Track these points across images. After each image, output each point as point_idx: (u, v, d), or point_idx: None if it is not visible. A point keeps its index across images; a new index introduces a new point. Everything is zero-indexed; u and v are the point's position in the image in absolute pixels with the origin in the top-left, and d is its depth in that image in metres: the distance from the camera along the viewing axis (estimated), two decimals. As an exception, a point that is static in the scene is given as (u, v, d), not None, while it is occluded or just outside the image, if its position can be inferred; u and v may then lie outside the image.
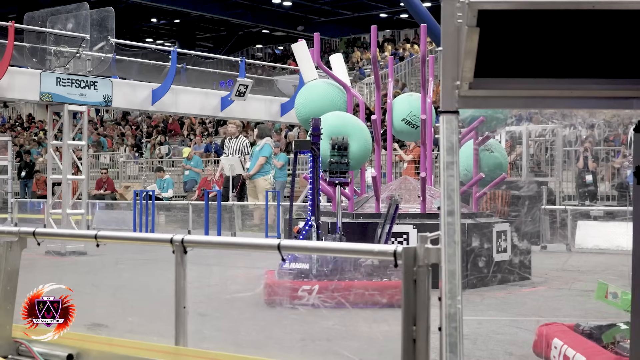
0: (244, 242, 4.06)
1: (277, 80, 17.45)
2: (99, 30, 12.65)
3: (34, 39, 12.73)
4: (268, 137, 15.31)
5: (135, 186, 22.97)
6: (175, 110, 15.33)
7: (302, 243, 3.81)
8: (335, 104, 9.05)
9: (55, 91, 11.97)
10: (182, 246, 3.97)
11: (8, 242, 4.72)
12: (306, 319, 5.62)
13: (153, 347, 4.11)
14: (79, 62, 12.39)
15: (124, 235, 5.57)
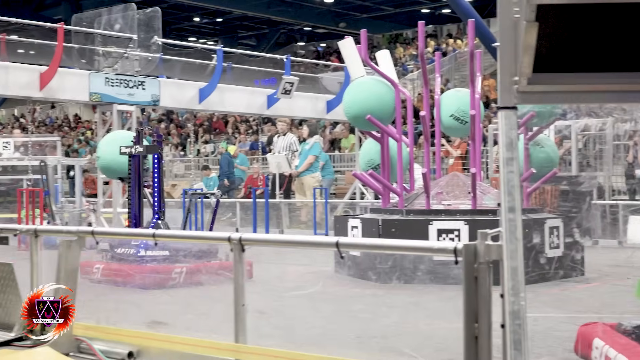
0: (302, 240, 4.07)
1: (323, 77, 17.45)
2: (146, 31, 12.76)
3: (83, 40, 12.88)
4: (317, 135, 15.33)
5: (182, 185, 23.12)
6: (222, 108, 15.41)
7: (360, 240, 3.81)
8: (383, 100, 9.03)
9: (104, 91, 12.10)
10: (240, 244, 3.99)
11: (67, 241, 4.78)
12: (360, 317, 5.62)
13: (212, 345, 4.13)
14: (127, 62, 12.51)
15: (182, 233, 5.61)
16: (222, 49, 14.50)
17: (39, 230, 5.02)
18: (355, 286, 7.43)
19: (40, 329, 4.83)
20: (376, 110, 8.89)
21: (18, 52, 14.81)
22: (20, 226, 5.60)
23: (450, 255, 3.41)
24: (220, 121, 30.01)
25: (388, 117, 9.08)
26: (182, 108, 20.12)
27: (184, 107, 16.02)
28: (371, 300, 6.53)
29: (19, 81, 11.82)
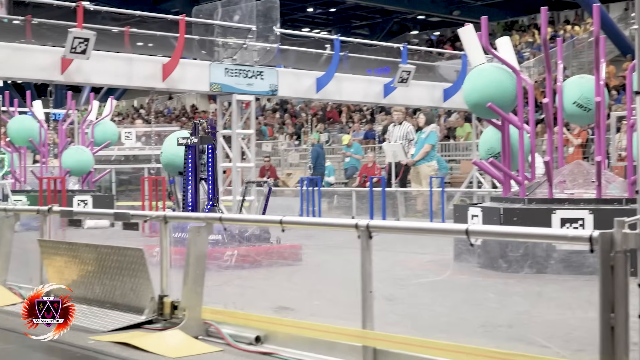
0: (431, 228, 4.06)
1: (439, 65, 17.30)
2: (264, 21, 12.90)
3: (202, 32, 13.11)
4: (434, 124, 15.23)
5: (297, 173, 23.34)
6: (339, 97, 15.44)
7: (491, 228, 3.77)
8: (504, 88, 8.90)
9: (223, 81, 12.30)
10: (367, 231, 4.00)
11: (196, 227, 4.88)
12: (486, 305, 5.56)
13: (339, 330, 4.16)
14: (246, 52, 12.68)
15: (309, 220, 5.66)
16: (339, 38, 14.54)
17: (169, 217, 5.14)
18: (482, 275, 7.36)
19: (170, 313, 4.96)
20: (497, 98, 8.76)
21: (137, 44, 15.20)
22: (150, 213, 5.75)
23: (584, 244, 3.33)
24: (334, 110, 30.15)
25: (509, 105, 8.94)
26: (299, 97, 20.29)
27: (301, 96, 16.13)
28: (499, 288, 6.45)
29: (143, 72, 12.12)
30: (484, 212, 8.60)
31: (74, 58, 11.22)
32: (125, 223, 5.41)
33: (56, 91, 24.59)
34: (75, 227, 6.74)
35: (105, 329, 4.82)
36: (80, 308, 5.30)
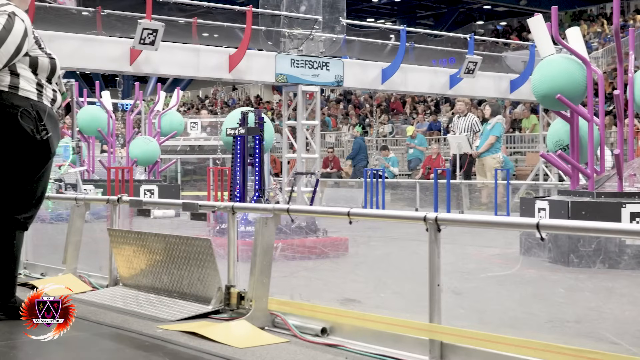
0: (500, 221, 4.01)
1: (506, 56, 17.13)
2: (330, 12, 12.90)
3: (269, 23, 13.18)
4: (500, 116, 15.07)
5: (361, 165, 23.32)
6: (405, 88, 15.40)
7: (563, 222, 3.71)
8: (574, 79, 8.75)
9: (289, 72, 12.36)
10: (435, 224, 3.96)
11: (264, 218, 4.89)
12: (554, 300, 5.48)
13: (406, 324, 4.13)
14: (312, 43, 12.71)
15: (377, 212, 5.65)
16: (405, 28, 14.47)
17: (236, 207, 5.16)
18: (552, 269, 7.27)
19: (237, 303, 4.99)
20: (566, 89, 8.62)
21: (204, 35, 15.34)
22: (218, 203, 5.79)
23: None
24: (398, 101, 30.04)
25: (579, 96, 8.79)
26: (364, 88, 20.27)
27: (367, 87, 16.12)
28: (569, 284, 6.36)
29: (209, 63, 12.26)
30: (551, 206, 8.48)
31: (142, 49, 11.37)
32: (193, 213, 5.46)
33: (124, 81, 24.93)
34: (143, 217, 6.83)
35: (173, 318, 4.87)
36: (149, 297, 5.37)
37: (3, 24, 4.53)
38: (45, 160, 4.77)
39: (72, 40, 11.86)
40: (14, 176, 4.67)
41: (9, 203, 4.69)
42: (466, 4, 40.64)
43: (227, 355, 4.06)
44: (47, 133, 4.68)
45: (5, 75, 4.60)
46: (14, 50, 4.54)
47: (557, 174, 15.52)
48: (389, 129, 27.28)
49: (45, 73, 4.79)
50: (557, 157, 8.94)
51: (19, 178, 4.69)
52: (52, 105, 4.81)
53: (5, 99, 4.59)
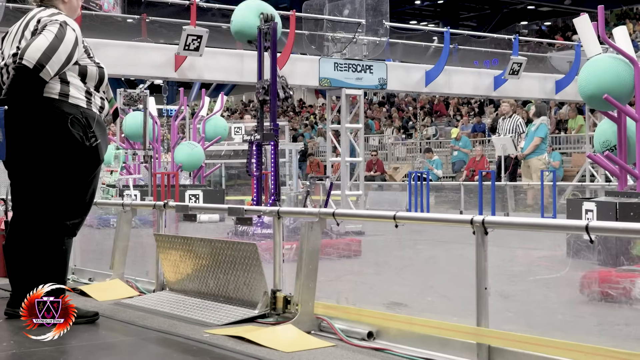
0: (549, 224, 3.96)
1: (551, 56, 16.98)
2: (374, 15, 12.89)
3: (312, 27, 13.20)
4: (544, 117, 14.93)
5: (404, 167, 23.27)
6: (449, 90, 15.32)
7: (613, 224, 3.65)
8: (621, 78, 8.64)
9: (333, 76, 12.36)
10: (482, 227, 3.94)
11: (309, 222, 4.89)
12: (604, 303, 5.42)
13: (453, 327, 4.11)
14: (355, 47, 12.71)
15: (423, 216, 5.63)
16: (448, 30, 14.41)
17: (282, 212, 5.17)
18: (601, 272, 7.18)
19: (283, 308, 4.99)
20: (614, 89, 8.51)
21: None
22: (264, 208, 5.80)
23: None
24: (442, 104, 29.91)
25: (626, 96, 8.68)
26: (408, 91, 20.21)
27: (410, 90, 16.09)
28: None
29: (253, 68, 12.24)
30: (599, 207, 8.37)
31: (187, 55, 11.45)
32: (239, 218, 5.47)
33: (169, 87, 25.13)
34: (189, 222, 6.87)
35: (219, 322, 4.88)
36: (195, 302, 5.40)
37: (55, 33, 4.60)
38: (94, 166, 4.82)
39: (118, 47, 11.98)
40: (63, 182, 4.73)
41: (58, 209, 4.75)
42: (510, 4, 40.40)
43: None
44: (96, 140, 4.74)
45: (56, 83, 4.67)
46: (65, 58, 4.61)
47: (603, 175, 15.34)
48: (432, 132, 27.18)
49: (94, 81, 4.85)
50: (605, 158, 8.83)
51: (69, 184, 4.75)
52: (101, 113, 4.87)
53: (56, 106, 4.66)
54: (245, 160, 20.17)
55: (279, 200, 9.66)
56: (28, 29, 4.74)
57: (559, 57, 17.59)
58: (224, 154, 20.53)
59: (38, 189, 4.74)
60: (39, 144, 4.66)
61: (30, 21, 4.77)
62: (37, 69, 4.50)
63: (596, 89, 8.59)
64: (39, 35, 4.60)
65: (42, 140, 4.65)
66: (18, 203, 4.87)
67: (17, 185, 4.86)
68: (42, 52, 4.51)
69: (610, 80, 8.58)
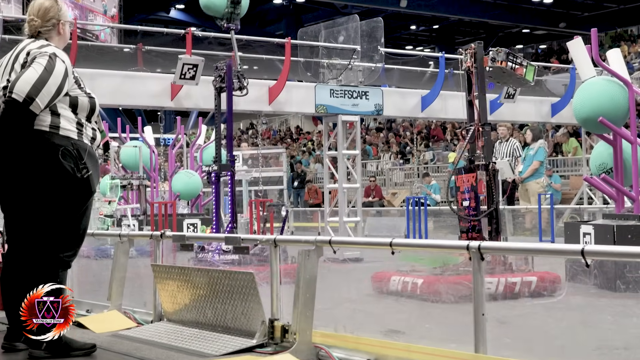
0: (544, 248, 3.96)
1: (546, 80, 17.03)
2: (369, 41, 12.93)
3: (307, 54, 13.25)
4: (542, 140, 14.95)
5: (403, 193, 23.25)
6: (445, 115, 15.34)
7: (608, 248, 3.65)
8: (615, 101, 8.66)
9: (329, 103, 12.38)
10: (479, 253, 3.93)
11: (306, 250, 4.88)
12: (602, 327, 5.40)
13: (451, 354, 4.10)
14: (351, 73, 12.73)
15: (419, 242, 5.61)
16: (443, 55, 14.45)
17: (278, 240, 5.17)
18: (598, 295, 7.16)
19: (281, 337, 4.98)
20: (609, 112, 8.54)
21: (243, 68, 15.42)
22: (260, 236, 5.80)
23: None
24: (439, 128, 29.96)
25: (621, 118, 8.70)
26: (404, 116, 20.23)
27: (406, 115, 16.12)
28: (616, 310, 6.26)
29: (249, 96, 12.24)
30: (596, 230, 8.37)
31: (183, 84, 11.47)
32: (236, 247, 5.47)
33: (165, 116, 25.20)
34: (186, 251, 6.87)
35: (217, 353, 4.87)
36: (193, 332, 5.38)
37: (44, 65, 4.60)
38: (86, 198, 4.82)
39: (114, 77, 12.01)
40: (56, 214, 4.72)
41: (51, 241, 4.73)
42: (505, 28, 40.59)
43: (272, 390, 4.05)
44: (87, 171, 4.73)
45: (47, 115, 4.67)
46: (55, 90, 4.61)
47: (601, 197, 15.34)
48: (430, 156, 27.20)
49: (85, 112, 4.86)
50: (601, 181, 8.83)
51: (61, 216, 4.74)
52: (92, 144, 4.87)
53: (46, 138, 4.66)
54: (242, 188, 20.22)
55: (236, 228, 10.01)
56: (18, 61, 4.75)
57: (555, 80, 17.64)
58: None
59: (31, 222, 4.73)
60: (30, 177, 4.65)
61: (20, 53, 4.78)
62: (27, 102, 4.50)
63: (591, 112, 8.61)
64: (29, 68, 4.60)
65: (33, 173, 4.65)
66: (11, 236, 4.86)
67: (9, 218, 4.85)
68: (31, 85, 4.52)
69: (605, 102, 8.61)
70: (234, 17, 10.02)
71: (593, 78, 8.99)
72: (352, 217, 13.25)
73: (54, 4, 4.94)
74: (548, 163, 19.08)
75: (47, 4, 4.93)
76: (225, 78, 9.99)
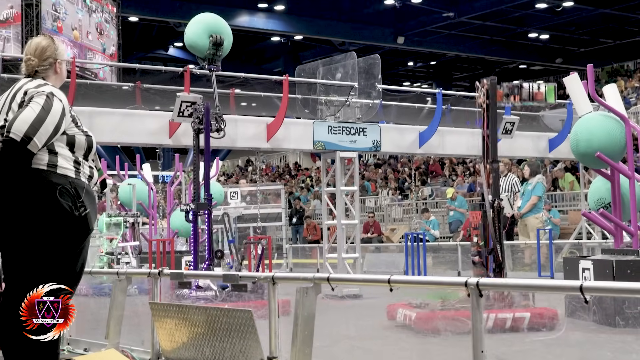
0: (542, 285, 3.95)
1: (544, 115, 17.09)
2: (366, 78, 12.98)
3: (305, 91, 13.30)
4: (540, 175, 14.97)
5: (401, 228, 23.22)
6: (442, 151, 15.36)
7: (606, 284, 3.64)
8: (612, 136, 8.71)
9: (327, 139, 12.40)
10: (477, 289, 3.92)
11: (304, 288, 4.87)
12: None
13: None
14: (348, 109, 12.77)
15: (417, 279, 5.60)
16: (441, 92, 14.51)
17: (277, 278, 5.16)
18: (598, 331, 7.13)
19: (280, 374, 4.95)
20: (606, 147, 8.58)
21: (242, 104, 15.50)
22: (258, 274, 5.78)
23: None
24: (437, 164, 30.00)
25: (619, 154, 8.73)
26: (402, 153, 20.22)
27: (404, 151, 16.12)
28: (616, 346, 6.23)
29: (247, 133, 12.34)
30: (595, 265, 8.36)
31: (181, 122, 11.50)
32: (234, 285, 5.45)
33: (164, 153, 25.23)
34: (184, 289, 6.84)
35: (215, 391, 4.84)
36: (191, 370, 5.35)
37: (42, 105, 4.62)
38: (84, 236, 4.81)
39: (113, 115, 12.04)
40: (53, 253, 4.71)
41: (48, 280, 4.72)
42: (502, 64, 40.80)
43: None
44: (85, 209, 4.73)
45: (44, 154, 4.68)
46: (53, 129, 4.63)
47: (600, 232, 15.32)
48: (428, 192, 27.21)
49: (82, 150, 4.86)
50: (600, 216, 8.85)
51: (58, 255, 4.73)
52: (89, 182, 4.87)
53: (44, 177, 4.66)
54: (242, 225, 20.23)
55: (213, 265, 10.06)
56: (15, 101, 4.77)
57: (552, 115, 17.70)
58: (220, 219, 20.51)
59: (28, 260, 4.72)
60: (28, 215, 4.65)
61: (17, 93, 4.80)
62: (24, 142, 4.51)
63: (588, 147, 8.65)
64: (26, 107, 4.62)
65: (31, 211, 4.65)
66: (8, 274, 4.85)
67: (7, 257, 4.84)
68: (29, 124, 4.53)
69: (602, 138, 8.65)
70: (216, 59, 10.14)
71: (590, 113, 9.04)
72: (351, 253, 13.22)
73: (51, 43, 4.97)
74: (547, 198, 19.10)
75: (44, 43, 4.95)
76: (203, 120, 10.06)
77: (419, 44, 36.20)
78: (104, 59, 26.09)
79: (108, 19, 26.87)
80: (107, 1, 26.65)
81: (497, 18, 33.35)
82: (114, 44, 27.11)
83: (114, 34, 27.15)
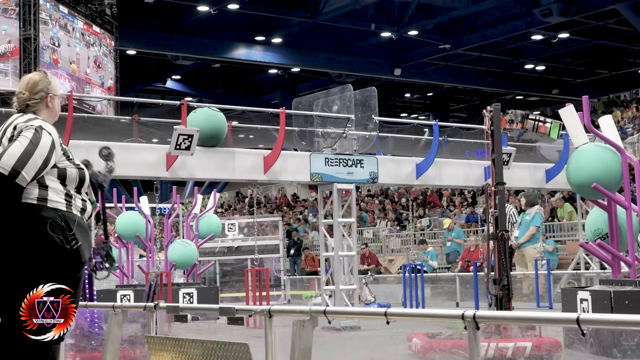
0: (540, 317, 3.95)
1: (540, 146, 17.13)
2: (363, 110, 13.04)
3: (302, 123, 13.35)
4: (538, 206, 14.99)
5: (399, 259, 23.20)
6: (440, 182, 15.40)
7: (603, 317, 3.64)
8: (609, 167, 8.73)
9: (324, 171, 12.42)
10: (474, 322, 3.92)
11: (300, 320, 4.86)
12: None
13: None
14: (345, 141, 12.81)
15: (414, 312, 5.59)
16: (437, 123, 14.56)
17: (273, 311, 5.14)
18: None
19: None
20: (602, 178, 8.59)
21: (239, 137, 15.54)
22: (254, 307, 5.77)
23: None
24: (435, 194, 30.02)
25: (615, 184, 8.75)
26: (399, 184, 20.26)
27: (401, 182, 16.15)
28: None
29: (244, 165, 12.35)
30: (593, 296, 8.35)
31: (178, 154, 11.52)
32: (230, 318, 5.44)
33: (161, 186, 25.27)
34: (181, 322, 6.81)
35: None
36: (187, 404, 5.32)
37: (30, 138, 4.62)
38: (77, 269, 4.79)
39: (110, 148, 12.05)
40: (46, 287, 4.70)
41: None
42: (498, 95, 40.97)
43: None
44: (76, 242, 4.71)
45: (34, 188, 4.67)
46: (42, 163, 4.63)
47: (598, 262, 15.31)
48: (426, 223, 27.21)
49: (74, 183, 4.85)
50: (597, 247, 8.85)
51: (52, 289, 4.71)
52: (82, 215, 4.86)
53: (34, 211, 4.65)
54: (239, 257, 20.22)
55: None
56: (5, 136, 4.77)
57: (548, 146, 17.74)
58: (218, 251, 20.52)
59: (21, 295, 4.70)
60: (19, 250, 4.63)
61: (8, 128, 4.81)
62: (12, 176, 4.51)
63: (584, 178, 8.66)
64: (14, 141, 4.62)
65: (22, 246, 4.63)
66: (2, 310, 4.82)
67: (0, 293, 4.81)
68: (16, 158, 4.53)
69: (599, 169, 8.67)
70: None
71: (586, 144, 9.06)
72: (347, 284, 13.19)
73: (44, 78, 4.98)
74: (544, 228, 19.11)
75: (36, 78, 4.96)
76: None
77: (415, 76, 36.37)
78: (102, 92, 26.18)
79: (106, 52, 26.97)
80: (105, 34, 26.77)
81: (494, 49, 33.53)
82: (111, 77, 27.21)
83: (111, 67, 27.25)
